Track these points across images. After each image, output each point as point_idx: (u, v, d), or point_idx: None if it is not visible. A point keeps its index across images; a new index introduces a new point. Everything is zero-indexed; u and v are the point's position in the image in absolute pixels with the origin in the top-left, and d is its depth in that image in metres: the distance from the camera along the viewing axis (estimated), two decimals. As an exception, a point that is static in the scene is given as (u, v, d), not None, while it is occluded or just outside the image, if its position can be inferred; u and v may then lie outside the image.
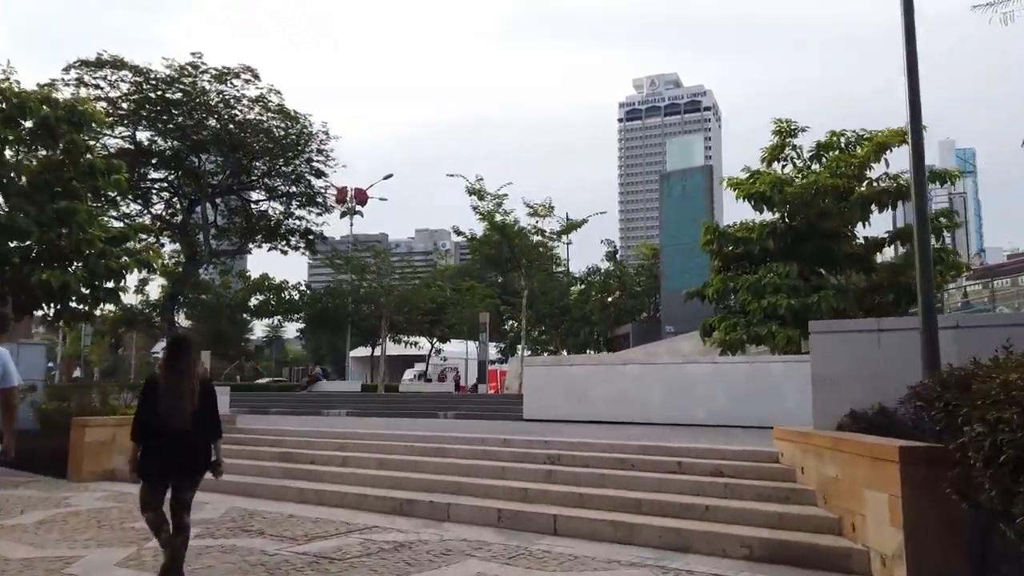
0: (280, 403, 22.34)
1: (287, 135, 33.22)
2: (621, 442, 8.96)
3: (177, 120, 31.28)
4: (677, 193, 32.85)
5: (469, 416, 17.44)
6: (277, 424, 14.02)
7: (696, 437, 10.14)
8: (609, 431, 11.66)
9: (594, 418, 15.29)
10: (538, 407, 16.21)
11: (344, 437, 11.15)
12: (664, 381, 14.69)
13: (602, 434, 10.79)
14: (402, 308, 35.43)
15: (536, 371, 16.36)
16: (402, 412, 18.86)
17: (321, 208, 34.94)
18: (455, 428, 12.52)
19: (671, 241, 32.93)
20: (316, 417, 19.11)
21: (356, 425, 13.62)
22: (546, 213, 22.36)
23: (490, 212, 21.58)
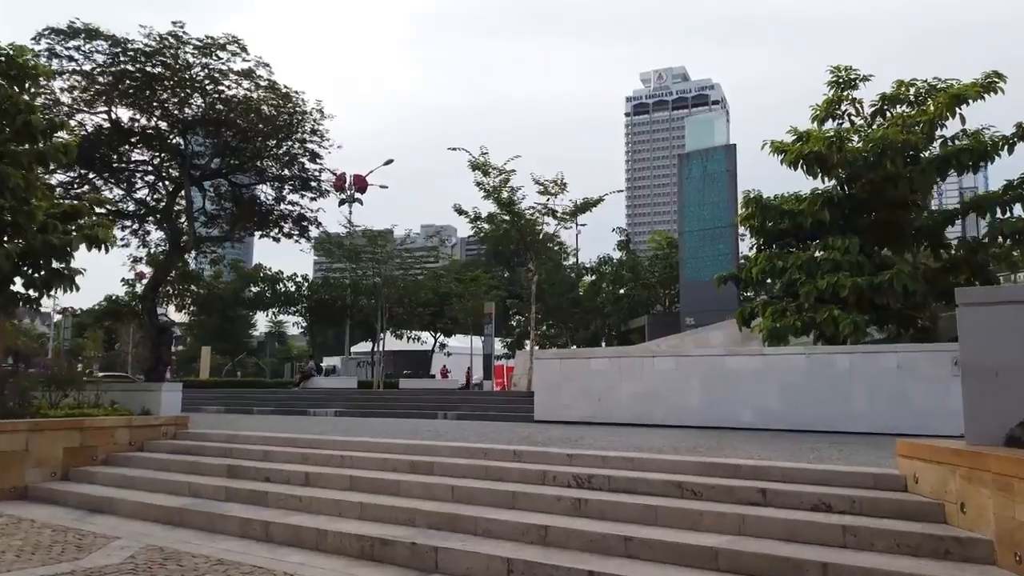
0: (266, 401, 20.15)
1: (279, 114, 31.02)
2: (672, 457, 6.68)
3: (160, 97, 29.10)
4: (697, 175, 30.52)
5: (472, 417, 15.19)
6: (243, 427, 11.77)
7: (757, 446, 7.86)
8: (639, 436, 9.40)
9: (618, 420, 13.03)
10: (551, 407, 13.96)
11: (313, 445, 8.90)
12: (701, 376, 12.39)
13: (634, 440, 8.53)
14: (402, 300, 33.18)
15: (549, 365, 14.10)
16: (398, 412, 16.62)
17: (316, 192, 32.73)
18: (454, 433, 10.26)
19: (691, 226, 30.61)
20: (301, 418, 16.89)
21: (336, 429, 11.36)
22: (558, 191, 20.03)
23: (496, 188, 19.28)
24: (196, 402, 21.03)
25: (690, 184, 30.72)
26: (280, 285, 42.99)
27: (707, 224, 29.87)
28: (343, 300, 40.01)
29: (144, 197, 32.64)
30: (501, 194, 19.29)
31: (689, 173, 30.73)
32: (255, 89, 30.24)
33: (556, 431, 10.91)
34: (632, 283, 38.72)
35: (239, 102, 30.10)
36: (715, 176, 29.91)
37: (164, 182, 32.06)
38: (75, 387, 10.60)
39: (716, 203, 29.66)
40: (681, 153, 31.41)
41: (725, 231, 29.31)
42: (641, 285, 38.68)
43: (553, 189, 20.00)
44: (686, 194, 30.77)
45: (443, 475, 7.20)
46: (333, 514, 6.65)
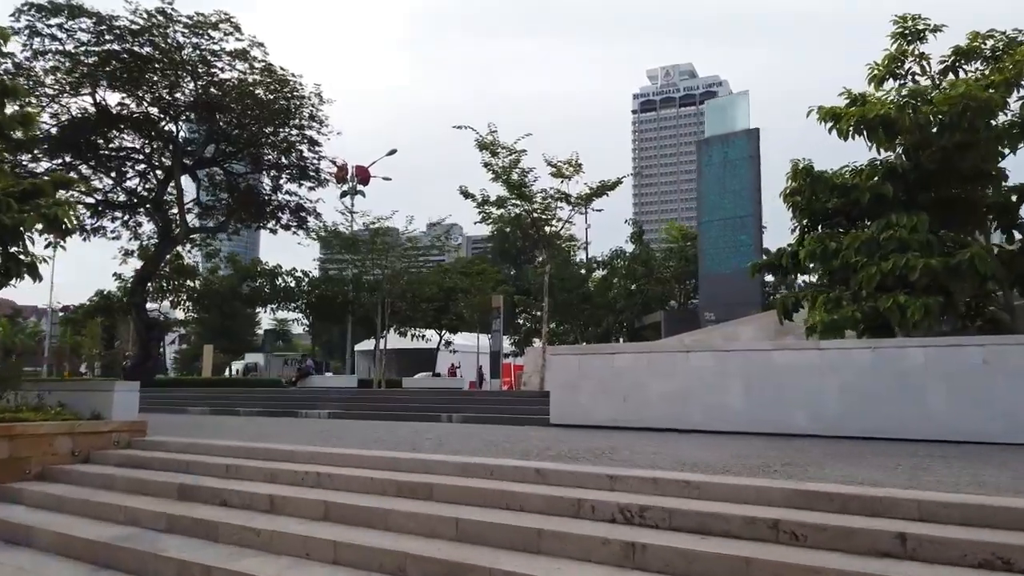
0: (255, 402, 18.55)
1: (275, 99, 29.43)
2: (747, 482, 5.01)
3: (149, 80, 27.56)
4: (717, 161, 28.78)
5: (480, 420, 13.54)
6: (214, 433, 10.16)
7: (838, 462, 6.18)
8: (682, 446, 7.75)
9: (646, 423, 11.36)
10: (568, 409, 12.31)
11: (287, 458, 7.27)
12: (744, 374, 10.72)
13: (680, 451, 6.88)
14: (405, 294, 31.54)
15: (566, 362, 12.45)
16: (397, 413, 14.99)
17: (315, 181, 31.16)
18: (458, 441, 8.64)
19: (711, 216, 28.89)
20: (290, 420, 15.28)
21: (322, 435, 9.72)
22: (573, 172, 18.34)
23: (505, 168, 17.62)
24: (181, 402, 19.46)
25: (710, 171, 29.01)
26: (279, 280, 41.47)
27: (728, 213, 28.17)
28: (344, 296, 38.47)
29: (135, 187, 31.20)
30: (511, 175, 17.62)
31: (709, 160, 29.01)
32: (250, 72, 28.71)
33: (579, 438, 9.25)
34: (645, 278, 37.04)
35: (233, 86, 28.56)
36: (737, 162, 28.18)
37: (155, 171, 30.57)
38: (11, 387, 8.99)
39: (738, 191, 27.96)
40: (700, 139, 29.66)
41: (747, 220, 27.61)
42: (655, 280, 37.00)
43: (567, 171, 18.31)
44: (705, 182, 29.06)
45: (444, 501, 5.56)
46: (298, 555, 5.03)
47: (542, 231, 18.61)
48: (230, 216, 30.78)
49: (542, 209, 18.37)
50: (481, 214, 18.71)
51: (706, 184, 29.02)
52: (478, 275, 34.97)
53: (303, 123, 30.25)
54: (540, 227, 18.60)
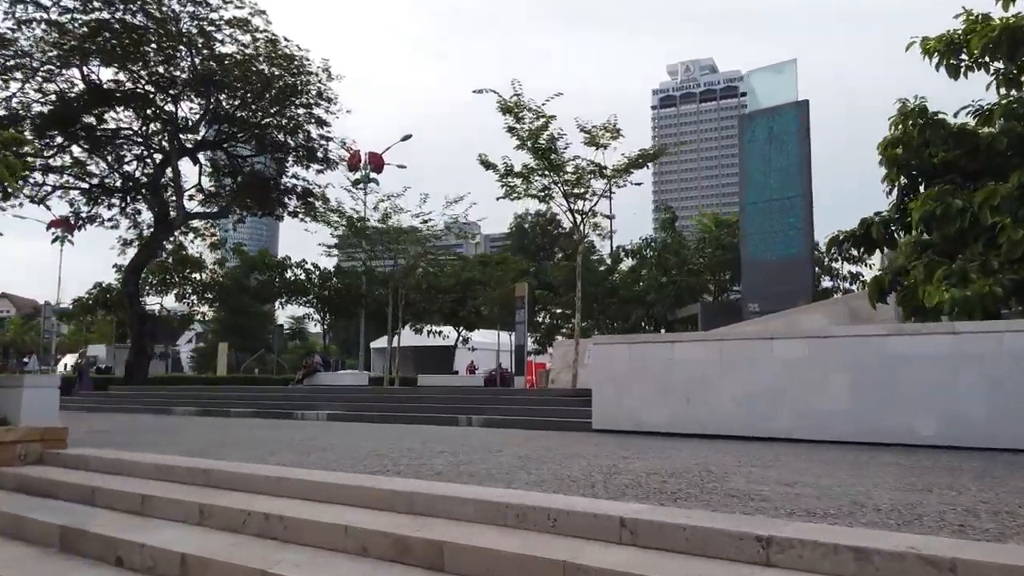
0: (247, 402, 16.35)
1: (280, 75, 27.26)
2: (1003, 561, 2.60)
3: (143, 53, 25.50)
4: (762, 137, 26.21)
5: (504, 423, 11.23)
6: (162, 443, 7.92)
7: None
8: (796, 464, 5.39)
9: (717, 430, 9.00)
10: (616, 411, 9.97)
11: (232, 484, 4.97)
12: (849, 367, 8.32)
13: (811, 475, 4.51)
14: (420, 285, 29.29)
15: (613, 354, 10.11)
16: (408, 415, 12.73)
17: (323, 164, 28.96)
18: (480, 456, 6.34)
19: (754, 198, 26.33)
20: (283, 423, 13.07)
21: (303, 447, 7.44)
22: (610, 139, 15.93)
23: (533, 132, 15.23)
24: (169, 402, 17.35)
25: (753, 149, 26.44)
26: (289, 272, 39.42)
27: (774, 194, 25.59)
28: (357, 289, 36.33)
29: (133, 171, 29.19)
30: (539, 139, 15.25)
31: (752, 136, 26.44)
32: (252, 43, 26.59)
33: (642, 451, 6.89)
34: (677, 268, 34.50)
35: (235, 61, 26.43)
36: (783, 138, 25.59)
37: (153, 153, 28.54)
38: None
39: (785, 168, 25.38)
40: (742, 115, 27.12)
41: (796, 201, 25.02)
42: (687, 271, 34.45)
43: (603, 138, 15.91)
44: (749, 161, 26.49)
45: (463, 572, 3.23)
46: None
47: (573, 206, 16.20)
48: (232, 202, 28.66)
49: (574, 181, 15.98)
50: (504, 187, 16.35)
51: (749, 163, 26.45)
52: (498, 264, 32.57)
53: (310, 101, 28.05)
54: (571, 202, 16.18)
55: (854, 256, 34.68)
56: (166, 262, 34.15)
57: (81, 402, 18.50)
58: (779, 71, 26.53)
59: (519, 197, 16.78)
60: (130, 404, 17.71)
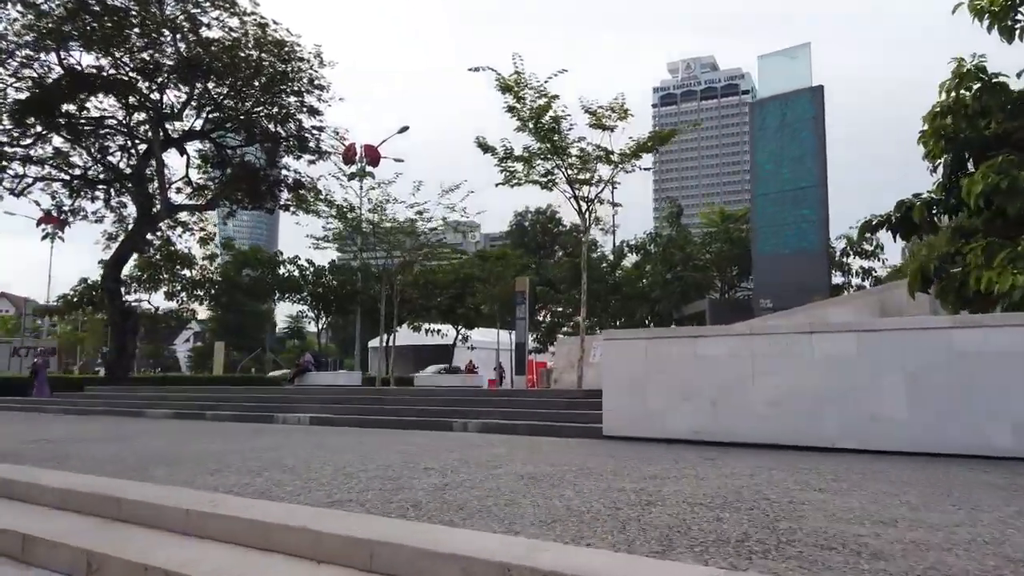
0: (227, 404, 15.13)
1: (271, 62, 26.05)
2: None
3: (127, 39, 24.29)
4: (773, 125, 25.03)
5: (504, 428, 10.04)
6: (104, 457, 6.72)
7: None
8: (871, 485, 4.17)
9: (748, 438, 7.82)
10: (631, 415, 8.78)
11: (139, 519, 3.76)
12: (905, 365, 7.13)
13: (908, 508, 3.25)
14: (417, 282, 28.10)
15: (628, 351, 8.93)
16: (399, 419, 11.54)
17: (315, 154, 27.76)
18: (477, 476, 5.15)
19: (766, 188, 25.14)
20: (261, 426, 11.87)
21: (258, 461, 6.24)
22: (616, 121, 14.74)
23: (536, 111, 14.02)
24: (145, 404, 16.15)
25: (764, 137, 25.25)
26: (282, 269, 38.24)
27: (787, 185, 24.40)
28: (352, 285, 35.16)
29: (117, 162, 27.97)
30: (541, 119, 14.04)
31: (763, 123, 25.25)
32: (240, 28, 25.39)
33: (671, 465, 5.69)
34: (682, 264, 33.31)
35: (223, 47, 25.22)
36: (797, 125, 24.39)
37: (137, 144, 27.32)
38: None
39: (799, 158, 24.20)
40: (752, 102, 25.89)
41: (811, 192, 23.83)
42: (693, 266, 33.26)
43: (609, 120, 14.71)
44: (760, 150, 25.30)
45: None
46: None
47: (578, 192, 14.99)
48: (220, 194, 27.46)
49: (579, 166, 14.78)
50: (503, 172, 15.14)
51: (760, 152, 25.26)
52: (498, 260, 31.35)
53: (301, 89, 26.85)
54: (576, 188, 14.97)
55: (866, 251, 33.30)
56: (153, 258, 32.96)
57: (45, 405, 17.31)
58: (792, 56, 25.34)
59: (520, 183, 15.57)
60: (102, 407, 16.51)
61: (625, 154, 15.53)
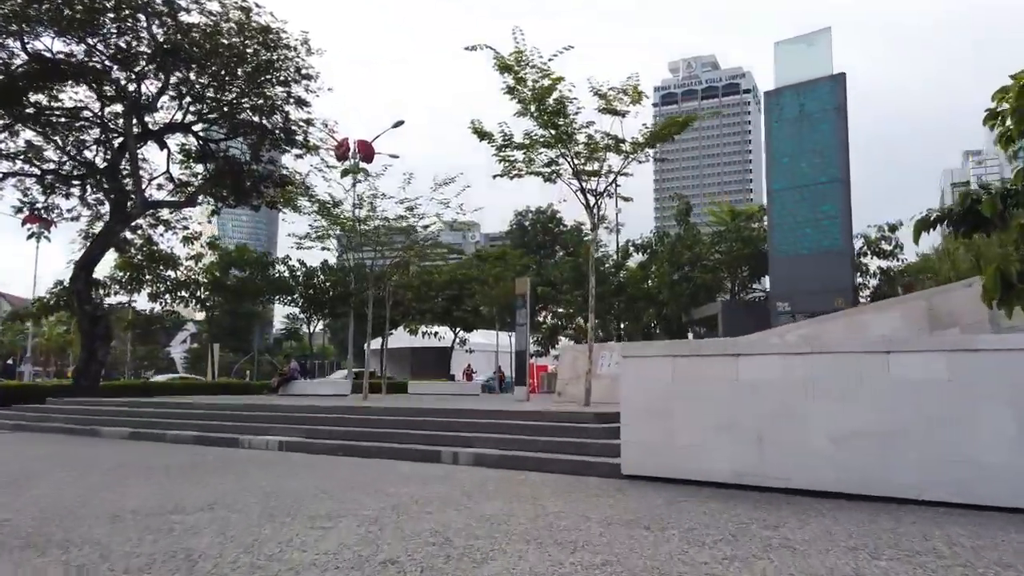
0: (193, 420, 13.50)
1: (256, 50, 24.44)
2: None
3: (99, 25, 22.69)
4: (791, 116, 23.44)
5: (502, 463, 8.47)
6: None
7: None
8: None
9: (809, 483, 6.22)
10: (655, 450, 7.20)
11: None
12: (1014, 397, 5.57)
13: None
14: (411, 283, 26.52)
15: (651, 370, 7.35)
16: (380, 445, 9.99)
17: (302, 148, 26.16)
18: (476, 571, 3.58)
19: (782, 183, 23.56)
20: (223, 451, 10.30)
21: (116, 558, 4.66)
22: (628, 103, 13.16)
23: (539, 92, 12.41)
24: (103, 420, 14.56)
25: (781, 130, 23.67)
26: (272, 270, 36.65)
27: (806, 179, 22.84)
28: (344, 287, 33.59)
29: (92, 157, 26.36)
30: (545, 101, 12.46)
31: (779, 115, 23.66)
32: (222, 12, 23.79)
33: (740, 535, 4.10)
34: (691, 264, 31.71)
35: (203, 33, 23.61)
36: (817, 116, 22.81)
37: (114, 138, 25.69)
38: None
39: (819, 151, 22.62)
40: (768, 91, 24.34)
41: (833, 187, 22.27)
42: (701, 267, 31.66)
43: (620, 104, 13.12)
44: (776, 142, 23.72)
45: None
46: None
47: (585, 185, 13.38)
48: (200, 190, 25.86)
49: (587, 155, 13.18)
50: (502, 162, 13.56)
51: (776, 145, 23.71)
52: (497, 260, 29.74)
53: (288, 78, 25.22)
54: (583, 180, 13.37)
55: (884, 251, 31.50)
56: (134, 258, 31.36)
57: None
58: (810, 42, 23.75)
59: (520, 174, 13.96)
60: (57, 423, 14.92)
61: (638, 143, 13.92)
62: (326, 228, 19.01)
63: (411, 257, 24.28)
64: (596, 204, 13.52)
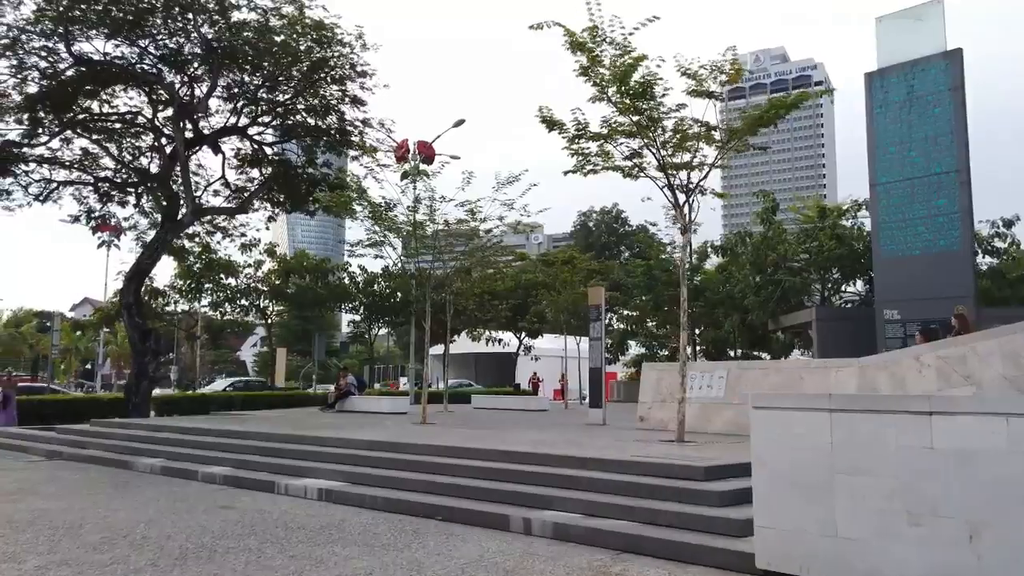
0: (232, 451, 12.01)
1: (309, 48, 23.19)
2: None
3: (148, 24, 21.79)
4: (898, 99, 20.72)
5: (590, 539, 6.61)
6: None
7: None
8: None
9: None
10: (804, 539, 5.16)
11: None
12: None
13: None
14: (473, 289, 24.88)
15: (791, 426, 5.32)
16: (436, 504, 8.28)
17: (359, 149, 24.78)
18: None
19: (888, 176, 20.87)
20: (254, 496, 8.76)
21: None
22: (729, 81, 11.10)
23: (622, 70, 10.44)
24: (142, 447, 13.29)
25: (885, 115, 20.97)
26: (332, 277, 35.67)
27: (917, 171, 20.10)
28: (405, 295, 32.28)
29: (145, 165, 25.64)
30: (628, 79, 10.52)
31: (884, 98, 20.97)
32: (275, 7, 22.62)
33: None
34: (774, 265, 29.06)
35: (256, 32, 22.47)
36: (928, 99, 20.03)
37: (165, 143, 24.87)
38: None
39: (932, 138, 19.85)
40: (870, 71, 21.70)
41: (949, 178, 19.48)
42: (787, 268, 28.97)
43: (712, 81, 11.08)
44: (880, 129, 21.03)
45: None
46: None
47: (674, 180, 11.35)
48: (253, 195, 24.80)
49: (676, 143, 11.16)
50: (574, 156, 11.66)
51: (881, 132, 21.01)
52: (565, 264, 27.81)
53: (343, 75, 23.87)
54: (671, 175, 11.35)
55: (997, 249, 27.99)
56: (193, 267, 30.74)
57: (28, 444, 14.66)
58: (918, 16, 20.95)
59: (595, 169, 12.03)
60: (90, 449, 13.76)
61: (735, 129, 11.83)
62: (381, 233, 17.53)
63: (472, 264, 22.62)
64: (687, 202, 11.45)
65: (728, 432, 12.23)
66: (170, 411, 24.15)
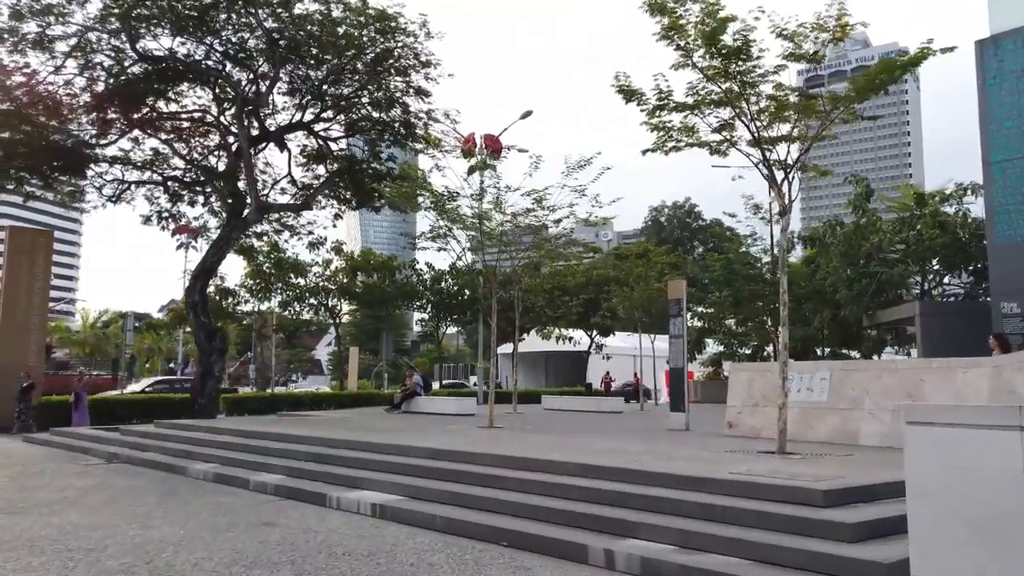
0: (288, 458, 11.28)
1: (374, 39, 22.54)
2: None
3: (213, 22, 21.57)
4: (1015, 68, 18.57)
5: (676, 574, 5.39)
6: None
7: None
8: None
9: None
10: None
11: None
12: None
13: None
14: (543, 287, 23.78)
15: (967, 447, 4.08)
16: (500, 524, 7.25)
17: (423, 142, 24.03)
18: None
19: (1003, 154, 18.71)
20: (304, 509, 7.94)
21: None
22: (833, 40, 9.67)
23: (709, 32, 9.11)
24: (198, 451, 12.76)
25: (999, 87, 18.82)
26: (400, 274, 35.20)
27: (1042, 146, 17.97)
28: (473, 292, 31.51)
29: (213, 164, 25.56)
30: (717, 40, 9.21)
31: (998, 68, 18.82)
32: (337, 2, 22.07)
33: None
34: (867, 257, 26.87)
35: (319, 24, 21.98)
36: (1053, 65, 17.87)
37: (231, 141, 24.70)
38: None
39: (1059, 109, 17.68)
40: (980, 40, 19.54)
41: (1080, 154, 17.31)
42: (882, 260, 26.72)
43: (809, 40, 9.66)
44: (993, 102, 18.89)
45: None
46: None
47: (769, 155, 9.98)
48: (317, 192, 24.37)
49: (774, 111, 9.78)
50: (654, 131, 10.41)
51: (994, 106, 18.85)
52: (639, 258, 26.38)
53: (407, 66, 23.12)
54: (766, 149, 9.98)
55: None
56: (263, 266, 30.72)
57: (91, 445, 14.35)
58: (1039, -27, 18.75)
59: (678, 147, 10.73)
60: (149, 452, 13.33)
61: (838, 97, 10.35)
62: (445, 226, 16.65)
63: (541, 257, 21.53)
64: (786, 179, 10.04)
65: (833, 441, 10.80)
66: (240, 411, 24.01)
